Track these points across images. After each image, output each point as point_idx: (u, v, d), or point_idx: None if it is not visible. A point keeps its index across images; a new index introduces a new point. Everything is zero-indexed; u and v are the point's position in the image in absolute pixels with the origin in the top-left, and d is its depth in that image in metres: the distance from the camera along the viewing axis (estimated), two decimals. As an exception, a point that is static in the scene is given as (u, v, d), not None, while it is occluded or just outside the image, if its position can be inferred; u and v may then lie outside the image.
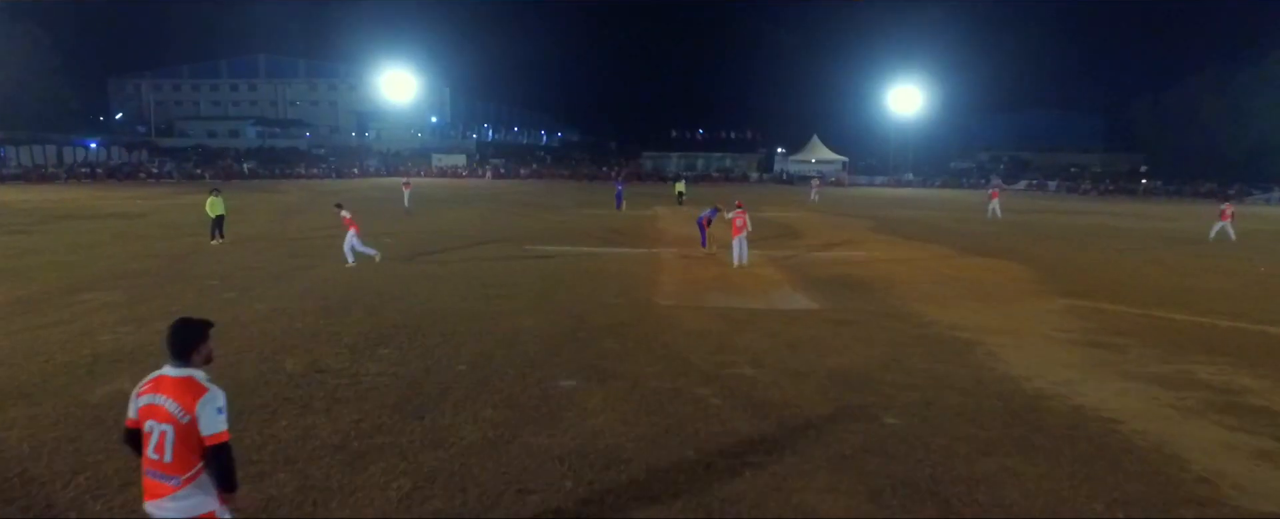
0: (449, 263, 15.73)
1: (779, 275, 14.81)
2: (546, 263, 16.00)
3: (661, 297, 12.47)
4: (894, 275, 15.14)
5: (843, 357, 8.82)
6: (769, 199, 43.25)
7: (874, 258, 17.94)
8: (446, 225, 24.09)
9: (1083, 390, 7.69)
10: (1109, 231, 26.59)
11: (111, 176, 49.28)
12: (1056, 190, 61.58)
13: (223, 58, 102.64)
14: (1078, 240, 23.21)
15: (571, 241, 20.08)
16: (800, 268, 15.96)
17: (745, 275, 14.56)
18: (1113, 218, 33.70)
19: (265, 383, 7.31)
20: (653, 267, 15.83)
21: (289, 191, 42.79)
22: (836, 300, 12.36)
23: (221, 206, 18.36)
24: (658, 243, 20.31)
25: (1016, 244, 21.57)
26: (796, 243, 20.91)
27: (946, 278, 15.06)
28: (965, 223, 28.86)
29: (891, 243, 21.28)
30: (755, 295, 12.76)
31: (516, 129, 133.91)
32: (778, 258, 17.30)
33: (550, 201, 37.26)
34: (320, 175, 60.48)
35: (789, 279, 14.44)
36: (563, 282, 13.62)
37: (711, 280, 14.18)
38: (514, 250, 17.89)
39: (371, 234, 20.85)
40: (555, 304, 11.58)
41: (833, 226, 26.17)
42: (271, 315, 10.36)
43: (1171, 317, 11.51)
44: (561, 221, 26.19)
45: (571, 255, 17.35)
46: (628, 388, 7.41)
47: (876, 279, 14.57)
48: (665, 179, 63.21)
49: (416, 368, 7.94)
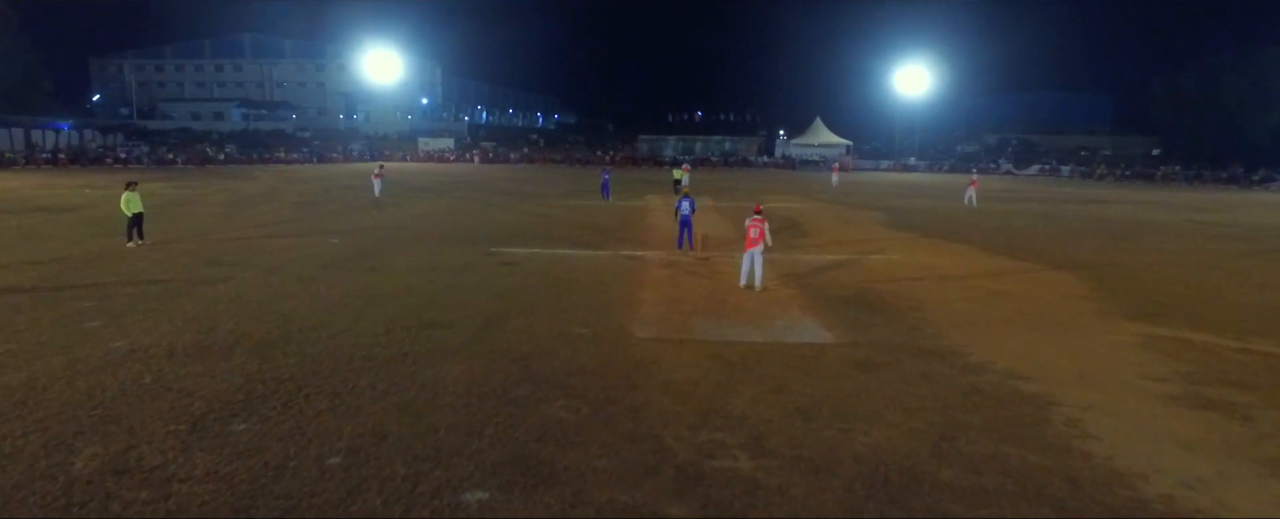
0: (393, 273, 13.29)
1: (785, 290, 12.37)
2: (508, 273, 13.56)
3: (640, 324, 10.05)
4: (920, 288, 12.71)
5: (876, 430, 6.42)
6: (772, 186, 40.75)
7: (893, 262, 15.50)
8: (409, 220, 21.62)
9: (1227, 498, 5.31)
10: (1145, 226, 24.11)
11: (75, 162, 46.65)
12: (1070, 175, 58.94)
13: (207, 37, 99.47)
14: (1115, 237, 20.76)
15: (546, 241, 17.63)
16: (809, 278, 13.52)
17: (744, 291, 12.11)
18: (1140, 207, 31.21)
19: (19, 501, 4.90)
20: (635, 277, 13.39)
21: (258, 178, 40.24)
22: (857, 328, 9.94)
23: (139, 203, 15.88)
24: (645, 242, 17.86)
25: (1048, 242, 19.12)
26: (803, 242, 18.45)
27: (983, 293, 12.62)
28: (984, 215, 26.37)
29: (910, 242, 18.82)
30: (756, 320, 10.34)
31: (512, 111, 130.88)
32: (783, 264, 14.86)
33: (535, 190, 34.75)
34: (299, 160, 57.83)
35: (796, 296, 12.01)
36: (520, 302, 11.19)
37: (704, 297, 11.75)
38: (475, 255, 15.44)
39: (319, 232, 18.49)
40: (501, 339, 9.17)
41: (841, 221, 23.69)
42: (125, 359, 7.94)
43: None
44: (541, 214, 23.72)
45: (542, 260, 14.91)
46: (563, 506, 5.01)
47: (901, 295, 12.14)
48: (662, 164, 60.56)
49: (270, 462, 5.54)
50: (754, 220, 12.24)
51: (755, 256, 12.15)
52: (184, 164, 51.16)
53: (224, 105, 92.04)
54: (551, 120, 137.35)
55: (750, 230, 12.18)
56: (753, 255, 12.15)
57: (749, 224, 12.28)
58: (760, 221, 12.17)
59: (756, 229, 12.11)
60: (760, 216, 12.32)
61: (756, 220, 12.21)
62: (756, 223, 12.16)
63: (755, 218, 12.26)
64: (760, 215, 12.36)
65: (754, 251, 12.12)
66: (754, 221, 12.21)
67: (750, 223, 12.26)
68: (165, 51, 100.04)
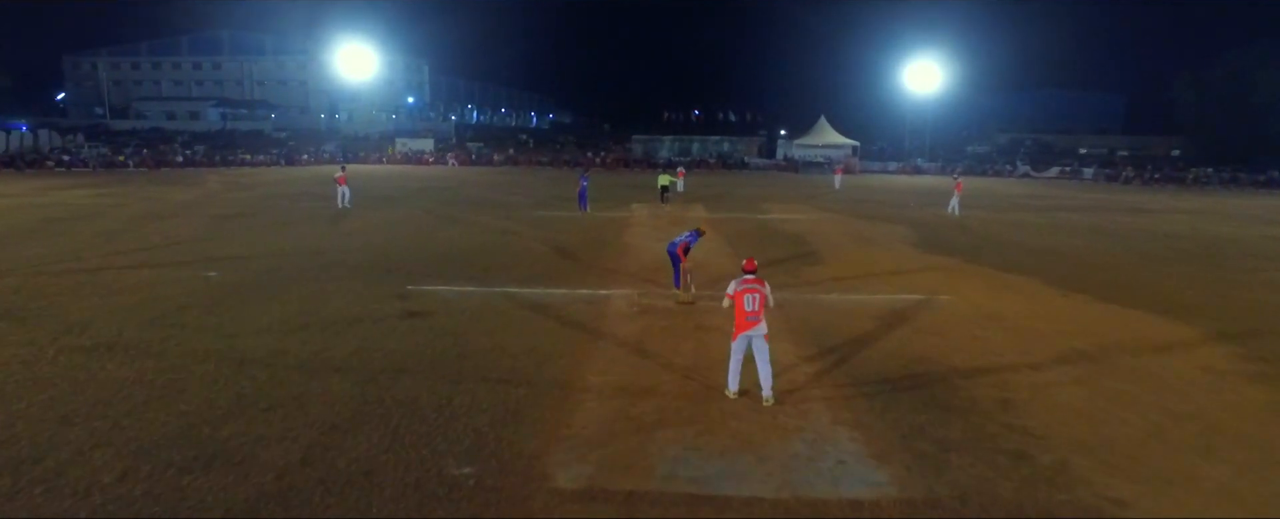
0: (240, 336, 9.30)
1: (800, 370, 8.39)
2: (407, 333, 9.58)
3: (566, 451, 6.09)
4: (1002, 361, 8.72)
5: None
6: (773, 191, 36.71)
7: (943, 308, 11.53)
8: (334, 241, 17.61)
9: None
10: (1222, 244, 20.08)
11: (10, 165, 42.56)
12: (1093, 178, 54.90)
13: (185, 34, 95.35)
14: (1201, 261, 16.77)
15: (487, 273, 13.65)
16: (831, 337, 9.55)
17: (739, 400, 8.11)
18: (1195, 218, 27.18)
19: None
20: (586, 340, 9.42)
21: (205, 183, 36.17)
22: (927, 461, 5.98)
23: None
24: (616, 273, 13.90)
25: (1128, 271, 15.14)
26: (817, 272, 14.47)
27: (1092, 366, 8.63)
28: (1028, 229, 22.37)
29: (953, 272, 14.84)
30: (759, 444, 6.37)
31: (505, 110, 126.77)
32: (794, 311, 10.89)
33: (507, 197, 30.72)
34: (265, 162, 53.79)
35: (817, 376, 8.03)
36: (390, 399, 7.21)
37: (681, 384, 7.79)
38: (380, 299, 11.46)
39: (202, 261, 14.47)
40: (311, 498, 5.20)
41: (860, 240, 19.67)
42: None
43: None
44: (500, 231, 19.71)
45: (467, 307, 10.94)
46: None
47: (977, 375, 8.17)
48: (655, 166, 56.54)
49: None
50: (746, 284, 7.23)
51: (754, 343, 7.17)
52: (136, 167, 47.13)
53: (200, 104, 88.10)
54: (546, 120, 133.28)
55: (741, 300, 7.19)
56: (750, 342, 7.20)
57: (738, 290, 7.23)
58: (757, 285, 7.26)
59: (752, 296, 7.19)
60: (755, 278, 7.33)
61: (749, 284, 7.24)
62: (750, 288, 7.22)
63: (748, 281, 7.28)
64: (754, 276, 7.36)
65: (752, 335, 7.14)
66: (746, 286, 7.23)
67: (740, 288, 7.24)
68: (141, 49, 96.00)
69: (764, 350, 7.20)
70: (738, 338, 7.25)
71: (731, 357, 7.38)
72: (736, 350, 7.32)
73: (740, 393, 7.38)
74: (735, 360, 7.36)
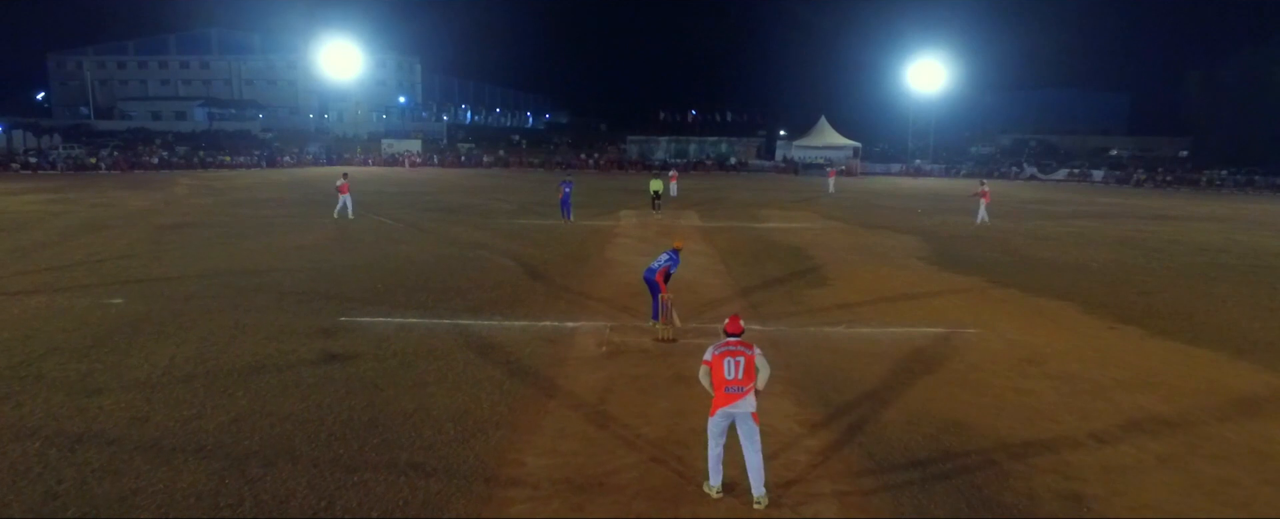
0: (110, 392, 7.43)
1: (802, 446, 6.54)
2: (315, 387, 7.71)
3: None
4: (1058, 428, 6.86)
5: None
6: (771, 196, 34.82)
7: (969, 340, 9.67)
8: (275, 256, 15.73)
9: None
10: (1268, 258, 18.22)
11: (-28, 168, 40.72)
12: (1103, 181, 53.03)
13: (172, 32, 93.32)
14: (1252, 281, 14.92)
15: (440, 299, 11.79)
16: (843, 391, 7.70)
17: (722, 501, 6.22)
18: (1223, 225, 25.30)
19: None
20: (531, 406, 7.56)
21: (173, 187, 34.28)
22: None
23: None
24: (590, 297, 12.04)
25: (1172, 295, 13.29)
26: (821, 296, 12.61)
27: (1186, 441, 6.76)
28: (1045, 241, 20.52)
29: (978, 295, 12.98)
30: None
31: (499, 110, 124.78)
32: (795, 347, 9.04)
33: (489, 202, 28.83)
34: (246, 164, 51.89)
35: (824, 463, 6.17)
36: (249, 502, 5.34)
37: (642, 491, 5.93)
38: (304, 335, 9.60)
39: (116, 283, 12.48)
40: None
41: (870, 255, 17.80)
42: None
43: None
44: (470, 244, 17.84)
45: (403, 347, 9.08)
46: None
47: (1024, 449, 6.31)
48: (650, 167, 54.69)
49: None
50: (727, 347, 5.45)
51: (739, 424, 5.33)
52: (108, 170, 45.25)
53: (186, 104, 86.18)
54: (542, 120, 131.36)
55: (720, 365, 5.36)
56: (733, 419, 5.34)
57: (717, 354, 5.41)
58: (743, 349, 5.44)
59: (735, 361, 5.35)
60: (738, 340, 5.53)
61: (732, 347, 5.44)
62: (733, 350, 5.42)
63: (730, 343, 5.49)
64: (738, 339, 5.55)
65: (734, 412, 5.31)
66: (727, 349, 5.43)
67: (718, 352, 5.43)
68: (128, 48, 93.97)
69: (753, 435, 5.32)
70: (716, 414, 5.39)
71: (710, 442, 5.49)
72: (715, 433, 5.44)
73: (724, 487, 5.51)
74: (715, 447, 5.47)
